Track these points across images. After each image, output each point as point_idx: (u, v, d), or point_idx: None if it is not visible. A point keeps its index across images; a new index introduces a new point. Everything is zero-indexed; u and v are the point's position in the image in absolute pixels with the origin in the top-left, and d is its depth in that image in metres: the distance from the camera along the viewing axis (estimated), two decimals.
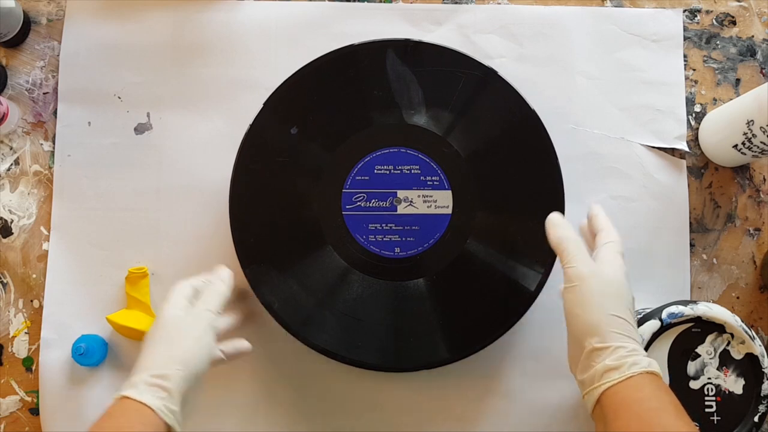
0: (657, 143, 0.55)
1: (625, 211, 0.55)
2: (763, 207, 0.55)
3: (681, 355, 0.47)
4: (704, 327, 0.47)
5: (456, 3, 0.57)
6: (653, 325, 0.46)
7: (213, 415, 0.52)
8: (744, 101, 0.50)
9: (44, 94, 0.56)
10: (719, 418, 0.46)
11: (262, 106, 0.51)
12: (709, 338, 0.47)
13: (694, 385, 0.47)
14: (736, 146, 0.51)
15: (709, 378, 0.47)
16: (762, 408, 0.46)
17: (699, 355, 0.47)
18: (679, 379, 0.46)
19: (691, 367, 0.47)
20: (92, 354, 0.51)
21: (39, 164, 0.55)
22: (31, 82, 0.56)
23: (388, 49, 0.51)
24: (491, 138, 0.51)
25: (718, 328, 0.47)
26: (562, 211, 0.50)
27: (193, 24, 0.56)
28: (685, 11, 0.57)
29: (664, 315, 0.47)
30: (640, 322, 0.46)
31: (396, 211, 0.51)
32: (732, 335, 0.47)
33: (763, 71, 0.57)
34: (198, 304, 0.45)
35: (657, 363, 0.39)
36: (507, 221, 0.51)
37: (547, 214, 0.50)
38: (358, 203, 0.51)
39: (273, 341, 0.53)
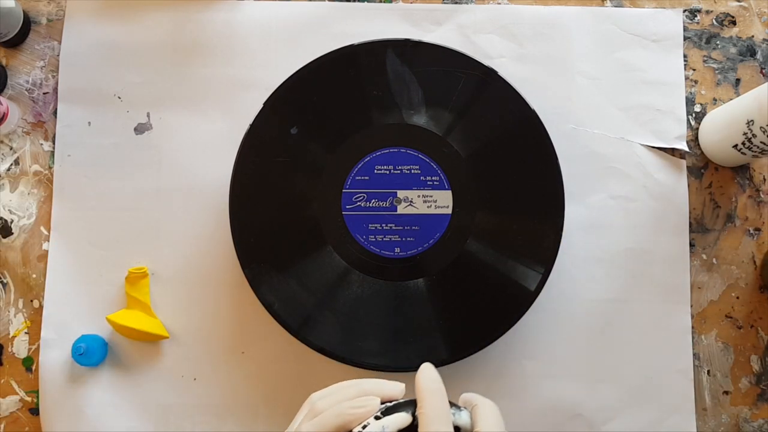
0: (657, 143, 0.55)
1: (625, 211, 0.55)
2: (763, 207, 0.55)
3: None
4: None
5: (456, 3, 0.57)
6: (402, 419, 0.35)
7: (213, 415, 0.53)
8: (744, 101, 0.50)
9: (44, 94, 0.56)
10: None
11: (262, 106, 0.51)
12: None
13: None
14: (736, 146, 0.51)
15: None
16: None
17: None
18: None
19: None
20: (92, 354, 0.51)
21: (39, 164, 0.55)
22: (31, 82, 0.56)
23: (388, 49, 0.51)
24: (491, 138, 0.52)
25: None
26: (562, 211, 0.50)
27: (193, 24, 0.56)
28: (685, 11, 0.57)
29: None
30: (389, 411, 0.35)
31: (396, 211, 0.51)
32: None
33: (763, 71, 0.57)
34: None
35: None
36: (507, 221, 0.51)
37: (548, 214, 0.50)
38: (358, 203, 0.51)
39: (273, 341, 0.53)
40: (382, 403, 0.36)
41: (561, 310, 0.54)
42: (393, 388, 0.37)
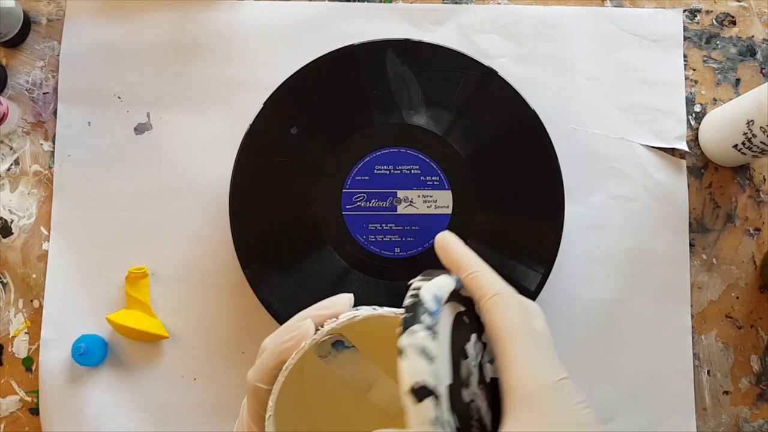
0: (657, 143, 0.55)
1: (625, 211, 0.55)
2: (763, 207, 0.55)
3: (460, 344, 0.31)
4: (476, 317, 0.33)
5: (456, 3, 0.57)
6: (450, 282, 0.32)
7: (213, 415, 0.53)
8: (744, 101, 0.50)
9: (44, 94, 0.56)
10: None
11: (262, 106, 0.51)
12: (475, 336, 0.32)
13: (465, 396, 0.30)
14: (736, 146, 0.51)
15: (474, 395, 0.31)
16: None
17: (467, 356, 0.31)
18: (456, 379, 0.30)
19: (463, 367, 0.31)
20: (92, 354, 0.51)
21: (39, 164, 0.55)
22: (31, 82, 0.56)
23: (388, 49, 0.51)
24: (491, 138, 0.52)
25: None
26: (562, 211, 0.50)
27: (193, 24, 0.56)
28: (685, 11, 0.57)
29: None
30: (430, 276, 0.32)
31: (396, 211, 0.51)
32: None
33: (763, 71, 0.57)
34: None
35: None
36: (507, 221, 0.51)
37: (548, 214, 0.50)
38: (358, 203, 0.51)
39: None
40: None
41: (561, 310, 0.54)
42: (337, 301, 0.35)
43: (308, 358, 0.40)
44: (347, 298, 0.37)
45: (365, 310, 0.35)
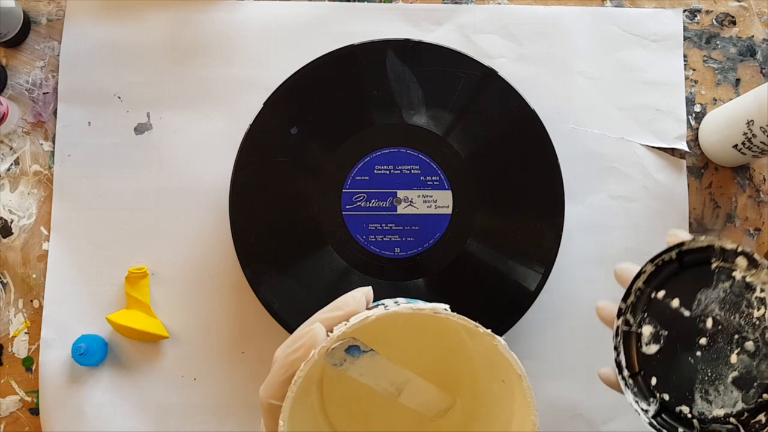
0: (657, 143, 0.55)
1: (625, 211, 0.55)
2: (763, 207, 0.55)
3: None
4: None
5: (456, 3, 0.57)
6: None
7: (213, 414, 0.53)
8: (744, 101, 0.50)
9: (44, 94, 0.56)
10: None
11: (262, 106, 0.51)
12: None
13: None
14: (736, 146, 0.51)
15: None
16: None
17: None
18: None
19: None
20: (92, 354, 0.51)
21: (39, 164, 0.55)
22: (31, 82, 0.56)
23: (388, 49, 0.51)
24: (491, 138, 0.52)
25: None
26: (562, 211, 0.50)
27: (193, 24, 0.56)
28: (685, 11, 0.57)
29: None
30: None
31: (396, 211, 0.51)
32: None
33: (763, 71, 0.57)
34: None
35: None
36: (507, 221, 0.51)
37: (548, 214, 0.50)
38: (358, 203, 0.51)
39: (273, 341, 0.53)
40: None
41: (561, 310, 0.54)
42: (350, 300, 0.33)
43: (326, 367, 0.39)
44: (362, 293, 0.35)
45: (383, 308, 0.33)
